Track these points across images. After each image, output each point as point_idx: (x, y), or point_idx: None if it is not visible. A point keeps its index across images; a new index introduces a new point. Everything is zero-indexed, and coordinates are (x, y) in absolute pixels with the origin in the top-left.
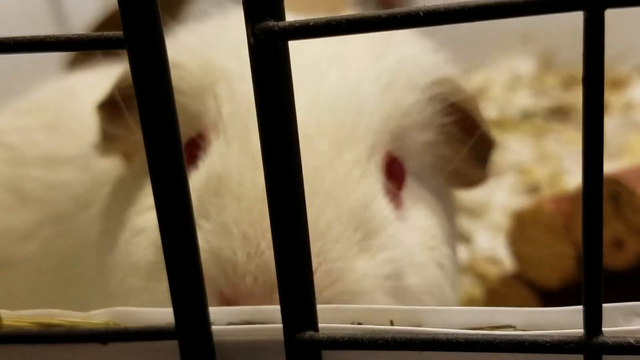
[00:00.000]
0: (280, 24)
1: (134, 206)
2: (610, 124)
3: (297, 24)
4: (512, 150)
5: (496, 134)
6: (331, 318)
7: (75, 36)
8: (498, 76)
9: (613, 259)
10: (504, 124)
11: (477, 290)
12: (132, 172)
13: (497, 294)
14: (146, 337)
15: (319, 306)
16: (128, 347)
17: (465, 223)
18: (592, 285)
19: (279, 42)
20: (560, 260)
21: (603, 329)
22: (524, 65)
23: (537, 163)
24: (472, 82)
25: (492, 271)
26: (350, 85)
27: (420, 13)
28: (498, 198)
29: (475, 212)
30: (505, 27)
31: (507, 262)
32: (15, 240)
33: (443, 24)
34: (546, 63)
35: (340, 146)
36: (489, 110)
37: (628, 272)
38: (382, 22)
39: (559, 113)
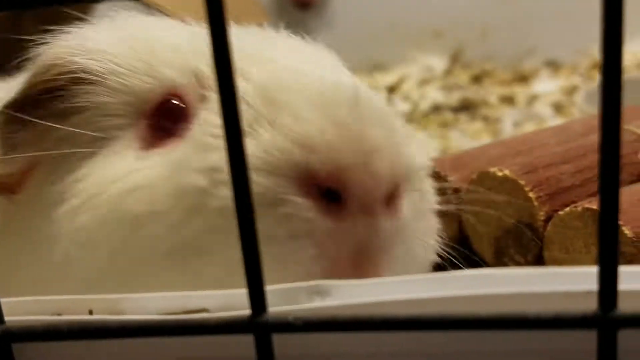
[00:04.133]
0: None
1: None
2: (513, 116)
3: None
4: None
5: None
6: (29, 310)
7: None
8: (412, 72)
9: None
10: (414, 118)
11: None
12: (22, 205)
13: None
14: None
15: (12, 300)
16: None
17: None
18: (252, 269)
19: None
20: None
21: (271, 309)
22: (437, 61)
23: (441, 155)
24: (387, 78)
25: None
26: None
27: None
28: None
29: None
30: (417, 25)
31: None
32: None
33: None
34: (457, 59)
35: None
36: (402, 105)
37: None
38: None
39: (467, 106)
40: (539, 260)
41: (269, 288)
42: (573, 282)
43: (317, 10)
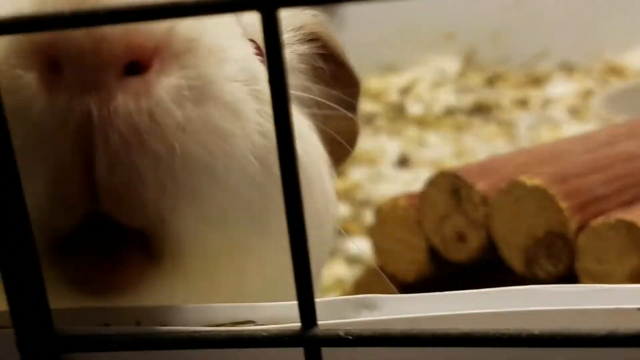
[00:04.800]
0: None
1: None
2: (527, 119)
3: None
4: (432, 146)
5: (418, 132)
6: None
7: None
8: (425, 75)
9: (457, 251)
10: (426, 121)
11: None
12: None
13: (363, 286)
14: None
15: (61, 309)
16: None
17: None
18: (303, 280)
19: None
20: (414, 253)
21: (320, 322)
22: (450, 63)
23: (455, 158)
24: (399, 80)
25: None
26: None
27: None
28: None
29: None
30: (430, 27)
31: None
32: None
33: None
34: (470, 61)
35: None
36: (414, 108)
37: (471, 264)
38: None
39: (480, 109)
40: (570, 270)
41: (317, 301)
42: (624, 298)
43: (330, 12)
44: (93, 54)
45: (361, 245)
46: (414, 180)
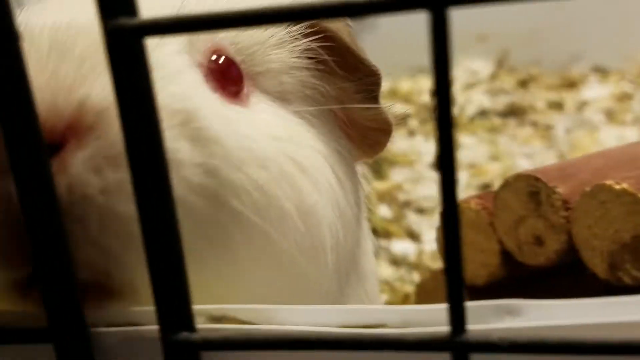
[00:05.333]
0: (132, 21)
1: None
2: (564, 122)
3: (151, 21)
4: (467, 148)
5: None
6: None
7: None
8: (456, 76)
9: (534, 255)
10: (460, 123)
11: None
12: None
13: (427, 289)
14: (18, 340)
15: (200, 307)
16: (3, 350)
17: (415, 220)
18: (455, 284)
19: (133, 39)
20: (485, 256)
21: (470, 327)
22: (482, 65)
23: (491, 161)
24: (430, 82)
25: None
26: None
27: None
28: None
29: (425, 210)
30: (462, 28)
31: None
32: None
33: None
34: (502, 63)
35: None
36: None
37: (549, 268)
38: (242, 19)
39: (514, 112)
40: None
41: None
42: None
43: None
44: (49, 129)
45: (405, 247)
46: None
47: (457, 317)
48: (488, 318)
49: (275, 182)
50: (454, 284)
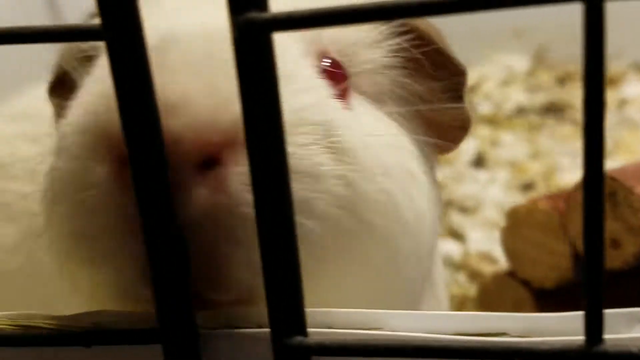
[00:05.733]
0: (263, 15)
1: None
2: (606, 119)
3: (281, 16)
4: (506, 146)
5: (490, 131)
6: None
7: (53, 27)
8: (492, 73)
9: (610, 259)
10: (498, 120)
11: (472, 289)
12: None
13: (490, 293)
14: (127, 341)
15: (313, 310)
16: (112, 350)
17: (458, 219)
18: (594, 291)
19: (263, 34)
20: (556, 259)
21: (604, 336)
22: (518, 61)
23: (531, 159)
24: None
25: (486, 269)
26: None
27: (412, 3)
28: (491, 194)
29: (468, 209)
30: (497, 23)
31: (502, 260)
32: (3, 254)
33: (434, 14)
34: (539, 59)
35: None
36: (483, 107)
37: (625, 272)
38: (371, 13)
39: (553, 109)
40: None
41: (575, 314)
42: None
43: None
44: (178, 152)
45: (449, 248)
46: (492, 181)
47: (595, 326)
48: (619, 327)
49: (398, 191)
50: (592, 291)
